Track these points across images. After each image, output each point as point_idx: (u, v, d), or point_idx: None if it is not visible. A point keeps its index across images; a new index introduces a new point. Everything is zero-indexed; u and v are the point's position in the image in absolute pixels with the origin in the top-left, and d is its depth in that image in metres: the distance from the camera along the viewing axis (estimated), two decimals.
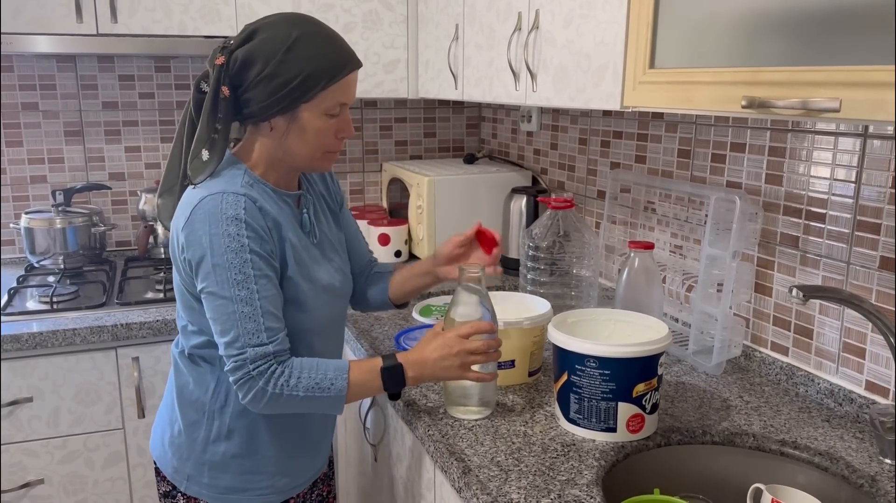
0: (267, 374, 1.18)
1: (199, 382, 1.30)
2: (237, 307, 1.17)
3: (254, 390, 1.18)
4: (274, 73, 1.17)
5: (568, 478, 1.15)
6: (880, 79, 0.88)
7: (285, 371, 1.19)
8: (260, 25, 1.20)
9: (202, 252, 1.17)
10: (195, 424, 1.31)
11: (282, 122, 1.22)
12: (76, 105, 2.41)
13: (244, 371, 1.18)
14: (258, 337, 1.18)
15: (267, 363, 1.18)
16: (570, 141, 2.23)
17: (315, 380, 1.21)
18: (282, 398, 1.19)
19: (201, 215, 1.17)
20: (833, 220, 1.39)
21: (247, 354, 1.17)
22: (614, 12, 1.37)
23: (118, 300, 2.02)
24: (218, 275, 1.17)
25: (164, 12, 2.08)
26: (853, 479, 1.18)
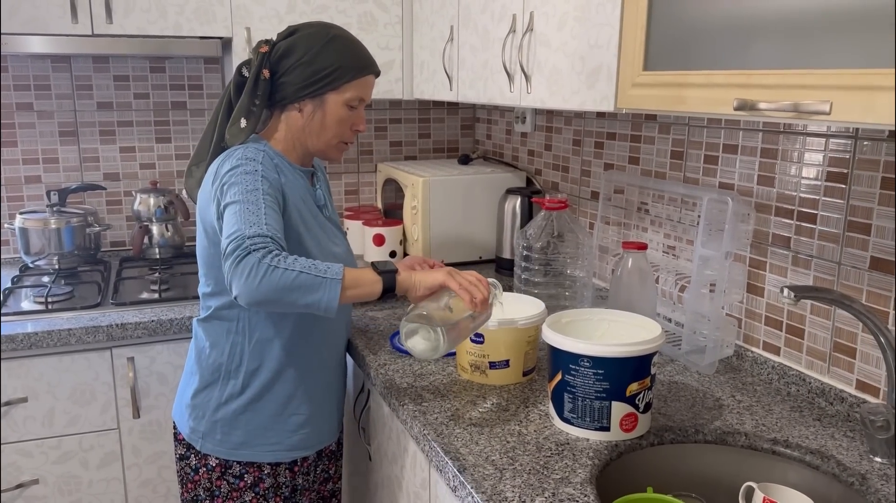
0: (263, 250, 1.21)
1: (216, 345, 1.45)
2: (243, 206, 1.26)
3: (249, 265, 1.19)
4: (311, 60, 1.38)
5: (562, 476, 1.16)
6: (871, 82, 0.89)
7: (281, 252, 1.23)
8: (301, 25, 1.43)
9: (223, 180, 1.32)
10: (211, 385, 1.46)
11: (310, 105, 1.42)
12: (71, 105, 2.41)
13: (242, 247, 1.21)
14: (258, 226, 1.24)
15: (264, 241, 1.23)
16: (564, 142, 2.24)
17: (311, 262, 1.24)
18: (276, 273, 1.20)
19: (227, 162, 1.35)
20: (824, 220, 1.41)
21: (245, 232, 1.23)
22: (608, 15, 1.38)
23: (113, 300, 2.03)
24: (231, 188, 1.30)
25: (159, 13, 2.08)
26: (844, 478, 1.20)
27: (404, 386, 1.49)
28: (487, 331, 1.47)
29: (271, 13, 2.18)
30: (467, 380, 1.52)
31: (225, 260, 1.23)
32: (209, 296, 1.45)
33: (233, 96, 1.44)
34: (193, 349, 1.51)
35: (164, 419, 2.00)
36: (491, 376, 1.50)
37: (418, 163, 2.66)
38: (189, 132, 2.54)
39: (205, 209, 1.39)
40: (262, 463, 1.47)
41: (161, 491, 2.04)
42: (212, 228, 1.38)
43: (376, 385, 1.57)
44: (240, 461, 1.46)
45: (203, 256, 1.44)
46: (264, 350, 1.44)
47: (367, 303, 2.04)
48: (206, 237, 1.41)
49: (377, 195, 2.73)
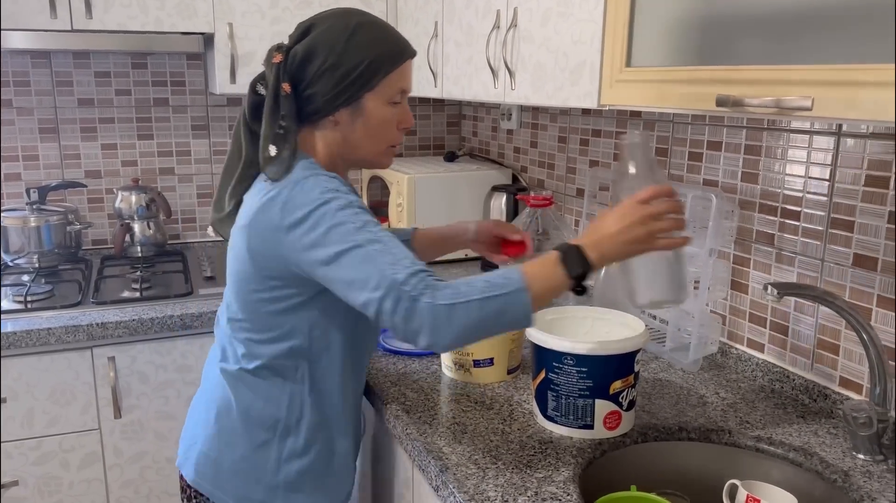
0: (430, 289, 1.03)
1: (270, 398, 1.23)
2: (367, 248, 1.06)
3: (425, 313, 1.02)
4: (337, 62, 1.16)
5: (545, 475, 1.15)
6: (852, 77, 0.89)
7: (446, 283, 1.05)
8: (314, 21, 1.20)
9: (313, 226, 1.09)
10: (265, 445, 1.23)
11: (346, 114, 1.20)
12: (51, 102, 2.37)
13: (406, 296, 1.03)
14: (401, 263, 1.06)
15: (421, 278, 1.04)
16: (549, 139, 2.24)
17: (484, 279, 1.06)
18: (459, 310, 1.02)
19: (303, 196, 1.11)
20: (808, 217, 1.41)
21: (396, 278, 1.04)
22: (591, 11, 1.37)
23: (94, 299, 2.00)
24: (337, 233, 1.08)
25: (139, 8, 2.05)
26: (827, 475, 1.20)
27: (388, 385, 1.48)
28: None
29: (253, 8, 2.16)
30: (451, 378, 1.51)
31: (390, 319, 1.05)
32: (261, 343, 1.21)
33: (249, 120, 1.22)
34: (232, 403, 1.24)
35: (145, 419, 1.98)
36: (475, 374, 1.49)
37: (404, 160, 2.64)
38: (171, 129, 2.52)
39: (260, 253, 1.15)
40: None
41: (143, 491, 2.02)
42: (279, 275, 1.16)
43: None
44: None
45: (250, 302, 1.20)
46: (324, 400, 1.25)
47: None
48: (258, 282, 1.18)
49: (363, 193, 2.72)
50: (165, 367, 1.97)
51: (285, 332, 1.20)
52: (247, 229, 1.16)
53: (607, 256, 1.08)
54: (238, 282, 1.21)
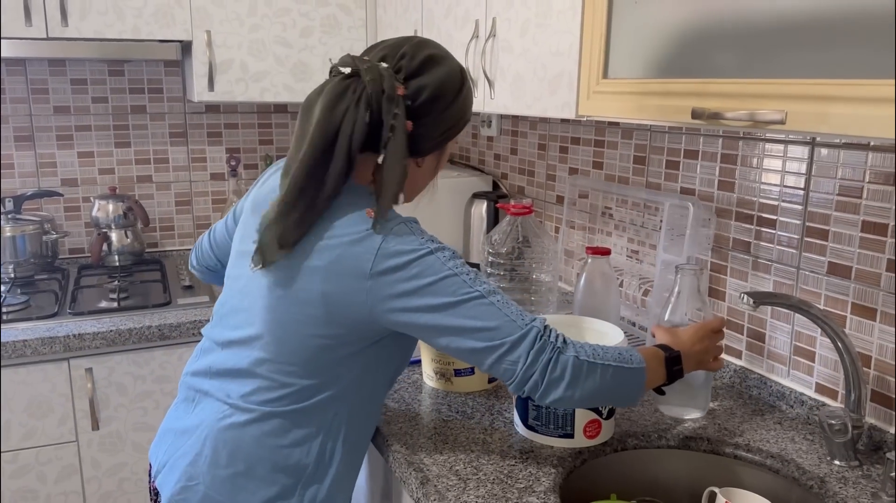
0: (570, 343, 1.06)
1: (300, 443, 1.13)
2: (490, 299, 1.05)
3: (570, 363, 1.04)
4: (455, 109, 1.14)
5: (526, 485, 1.15)
6: (824, 92, 0.90)
7: (575, 341, 1.08)
8: (432, 54, 1.12)
9: (416, 275, 1.05)
10: (287, 493, 1.13)
11: (433, 158, 1.19)
12: (26, 110, 2.35)
13: (550, 346, 1.04)
14: (528, 315, 1.07)
15: (558, 333, 1.07)
16: (529, 146, 2.25)
17: (615, 349, 1.10)
18: (596, 370, 1.06)
19: (396, 249, 1.05)
20: (783, 226, 1.42)
21: (537, 327, 1.05)
22: (569, 22, 1.38)
23: (70, 310, 1.98)
24: (454, 283, 1.05)
25: (116, 15, 2.04)
26: (803, 481, 1.21)
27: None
28: None
29: (232, 16, 2.15)
30: (432, 387, 1.51)
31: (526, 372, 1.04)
32: (307, 388, 1.12)
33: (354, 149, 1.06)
34: (250, 448, 1.13)
35: (123, 431, 1.96)
36: (456, 383, 1.49)
37: None
38: (149, 136, 2.50)
39: (336, 298, 1.07)
40: None
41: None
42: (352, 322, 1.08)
43: None
44: None
45: (309, 347, 1.10)
46: (354, 448, 1.19)
47: None
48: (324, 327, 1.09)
49: None
50: (144, 378, 1.95)
51: (335, 378, 1.13)
52: (324, 272, 1.07)
53: (691, 367, 1.23)
54: (293, 324, 1.10)
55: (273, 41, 2.21)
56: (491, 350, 1.05)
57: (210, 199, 2.60)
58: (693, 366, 1.24)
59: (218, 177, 2.60)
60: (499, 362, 1.05)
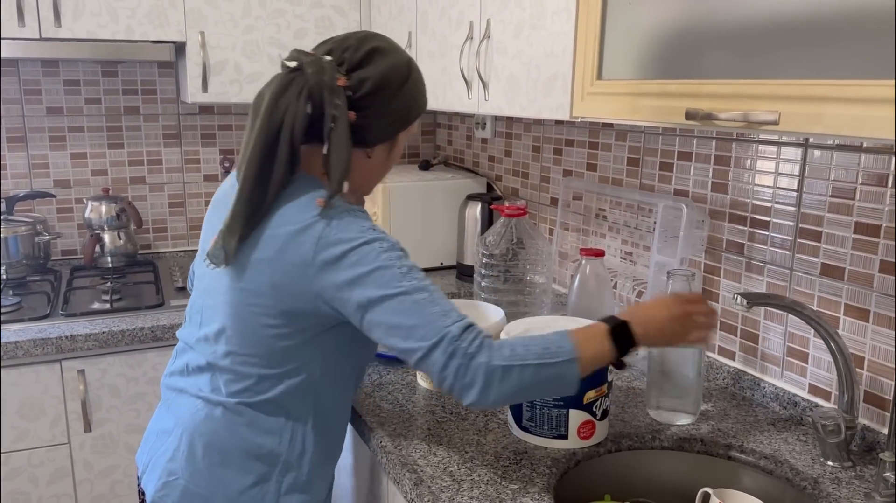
0: (485, 348, 1.04)
1: (271, 433, 1.16)
2: (415, 297, 1.05)
3: (482, 370, 1.03)
4: (401, 101, 1.17)
5: (520, 486, 1.15)
6: (817, 93, 0.90)
7: (503, 342, 1.06)
8: (377, 46, 1.15)
9: (353, 264, 1.06)
10: (264, 480, 1.16)
11: (383, 148, 1.21)
12: (19, 111, 2.34)
13: (461, 352, 1.03)
14: (450, 315, 1.05)
15: (476, 335, 1.05)
16: (523, 148, 2.25)
17: (540, 344, 1.07)
18: (513, 372, 1.04)
19: (337, 237, 1.07)
20: (776, 227, 1.43)
21: (450, 332, 1.03)
22: (563, 24, 1.38)
23: (63, 311, 1.97)
24: (383, 276, 1.05)
25: (110, 16, 2.03)
26: (797, 482, 1.21)
27: (362, 396, 1.47)
28: None
29: (226, 17, 2.15)
30: (426, 389, 1.51)
31: (440, 373, 1.04)
32: (272, 378, 1.15)
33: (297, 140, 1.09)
34: (223, 439, 1.16)
35: (116, 433, 1.95)
36: None
37: None
38: (142, 137, 2.49)
39: (284, 288, 1.09)
40: None
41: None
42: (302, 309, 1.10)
43: None
44: None
45: (264, 337, 1.13)
46: (326, 433, 1.21)
47: None
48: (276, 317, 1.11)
49: None
50: (136, 380, 1.94)
51: (298, 366, 1.15)
52: (271, 262, 1.09)
53: (650, 338, 1.14)
54: (249, 315, 1.13)
55: (267, 42, 2.21)
56: (411, 352, 1.06)
57: (203, 201, 2.59)
58: (659, 335, 1.15)
59: (211, 178, 2.59)
60: (419, 364, 1.06)
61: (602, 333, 1.11)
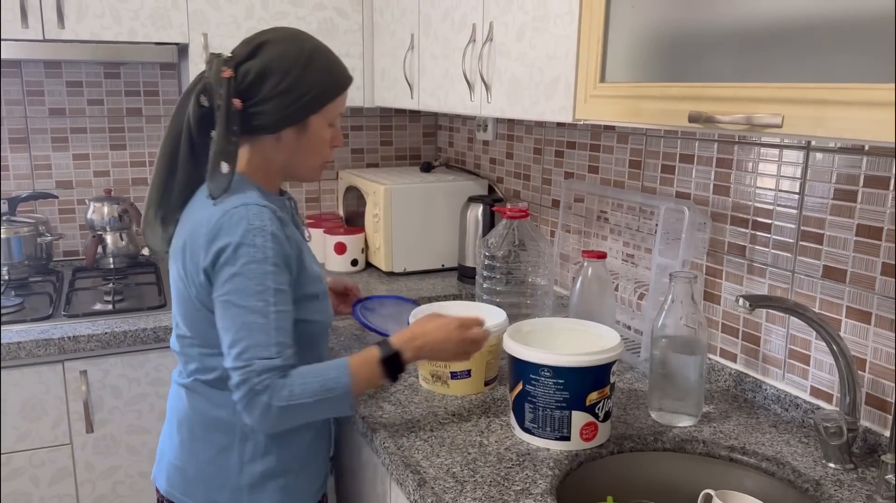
0: (270, 389, 1.15)
1: (225, 406, 1.27)
2: (251, 318, 1.15)
3: (259, 407, 1.14)
4: (291, 86, 1.22)
5: (523, 487, 1.16)
6: (820, 96, 0.91)
7: (286, 383, 1.16)
8: (266, 40, 1.24)
9: (226, 261, 1.17)
10: (226, 449, 1.28)
11: (292, 133, 1.26)
12: (22, 112, 2.34)
13: (248, 386, 1.14)
14: (268, 350, 1.15)
15: (271, 377, 1.15)
16: (525, 150, 2.25)
17: (318, 383, 1.18)
18: (291, 411, 1.16)
19: (228, 228, 1.17)
20: (778, 230, 1.43)
21: (254, 366, 1.14)
22: (566, 27, 1.38)
23: (65, 312, 1.97)
24: (237, 283, 1.16)
25: (113, 18, 2.04)
26: (799, 484, 1.22)
27: (364, 397, 1.48)
28: None
29: (228, 19, 2.15)
30: (428, 390, 1.51)
31: (234, 388, 1.15)
32: (212, 356, 1.26)
33: (195, 133, 1.23)
34: (188, 412, 1.30)
35: (118, 433, 1.96)
36: (452, 386, 1.49)
37: (380, 170, 2.64)
38: (144, 139, 2.49)
39: (191, 273, 1.21)
40: None
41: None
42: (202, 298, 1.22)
43: None
44: None
45: (195, 319, 1.25)
46: None
47: None
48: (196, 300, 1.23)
49: (338, 203, 2.71)
50: (138, 381, 1.95)
51: None
52: (182, 251, 1.22)
53: (420, 358, 1.29)
54: (181, 301, 1.26)
55: None
56: (224, 355, 1.17)
57: None
58: (432, 355, 1.30)
59: None
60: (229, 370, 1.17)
61: (374, 362, 1.24)
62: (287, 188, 2.65)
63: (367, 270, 2.43)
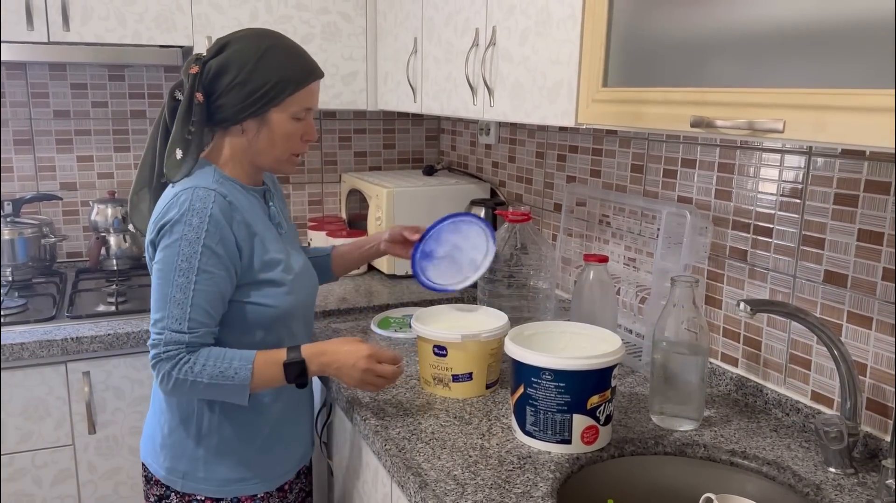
0: (175, 360, 1.27)
1: None
2: (171, 291, 1.27)
3: (162, 372, 1.27)
4: (246, 80, 1.29)
5: (523, 490, 1.16)
6: (821, 101, 0.91)
7: (191, 359, 1.27)
8: (231, 39, 1.33)
9: (163, 235, 1.28)
10: (186, 421, 1.38)
11: (253, 124, 1.33)
12: (26, 114, 2.35)
13: (156, 351, 1.27)
14: (180, 324, 1.27)
15: (178, 350, 1.27)
16: (527, 154, 2.26)
17: (220, 368, 1.28)
18: (186, 384, 1.27)
19: (174, 208, 1.27)
20: (780, 234, 1.44)
21: (164, 336, 1.27)
22: (569, 31, 1.39)
23: (68, 313, 1.98)
24: (167, 255, 1.27)
25: (117, 21, 2.05)
26: (799, 488, 1.22)
27: (367, 400, 1.48)
28: (450, 344, 1.47)
29: (233, 22, 2.16)
30: (430, 393, 1.52)
31: (150, 345, 1.29)
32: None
33: (168, 121, 1.35)
34: (156, 390, 1.42)
35: (120, 435, 1.96)
36: (454, 389, 1.49)
37: (383, 173, 2.65)
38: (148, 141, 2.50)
39: (148, 248, 1.34)
40: (254, 495, 1.42)
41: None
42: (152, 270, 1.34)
43: (338, 400, 1.55)
44: (229, 498, 1.40)
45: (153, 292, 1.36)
46: None
47: (330, 314, 2.02)
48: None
49: (341, 206, 2.72)
50: (141, 382, 1.95)
51: None
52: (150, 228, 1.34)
53: (323, 373, 1.37)
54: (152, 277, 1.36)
55: None
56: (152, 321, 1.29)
57: None
58: (334, 375, 1.37)
59: None
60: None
61: (279, 364, 1.32)
62: (289, 189, 2.66)
63: (369, 273, 2.44)
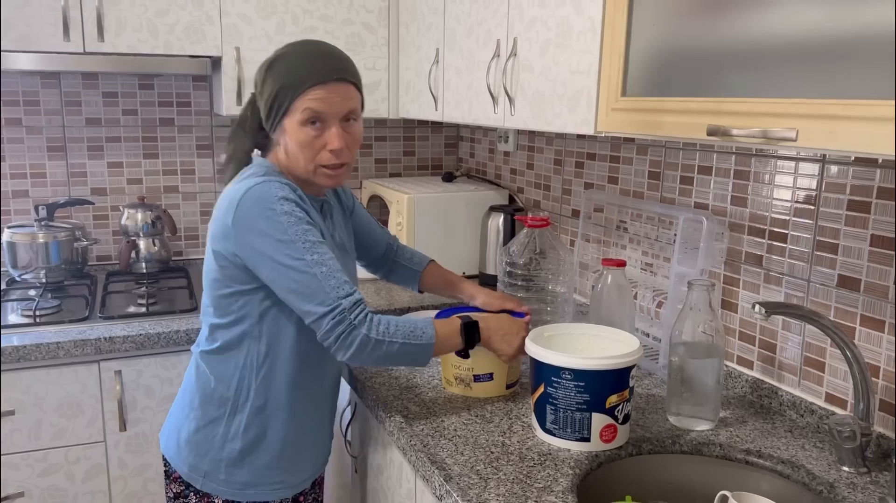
0: (367, 322, 1.28)
1: (222, 378, 1.38)
2: (313, 270, 1.25)
3: (358, 338, 1.26)
4: (260, 92, 1.36)
5: (544, 485, 1.20)
6: (832, 111, 0.95)
7: (381, 317, 1.30)
8: (266, 59, 1.39)
9: (262, 236, 1.26)
10: (215, 421, 1.39)
11: (278, 135, 1.36)
12: (60, 121, 2.43)
13: (346, 323, 1.26)
14: (344, 289, 1.27)
15: (362, 310, 1.28)
16: (545, 161, 2.30)
17: (409, 328, 1.32)
18: (383, 345, 1.29)
19: (250, 203, 1.27)
20: (794, 240, 1.47)
21: (342, 305, 1.26)
22: (588, 43, 1.44)
23: (101, 314, 2.05)
24: (286, 248, 1.25)
25: (150, 32, 2.12)
26: (813, 486, 1.25)
27: (391, 398, 1.53)
28: None
29: (260, 33, 2.23)
30: (452, 393, 1.56)
31: (326, 333, 1.27)
32: (219, 328, 1.37)
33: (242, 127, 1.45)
34: (194, 381, 1.41)
35: (150, 432, 2.02)
36: (475, 389, 1.54)
37: (403, 180, 2.70)
38: (176, 148, 2.57)
39: (219, 241, 1.32)
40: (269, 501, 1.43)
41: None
42: (228, 263, 1.32)
43: (364, 398, 1.60)
44: (245, 502, 1.41)
45: (213, 287, 1.36)
46: (270, 386, 1.37)
47: None
48: (219, 270, 1.34)
49: None
50: (171, 381, 2.01)
51: (239, 317, 1.35)
52: (213, 223, 1.34)
53: (488, 342, 1.45)
54: (206, 271, 1.38)
55: None
56: (307, 314, 1.27)
57: None
58: (497, 342, 1.44)
59: None
60: (313, 325, 1.28)
61: (457, 330, 1.39)
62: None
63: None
